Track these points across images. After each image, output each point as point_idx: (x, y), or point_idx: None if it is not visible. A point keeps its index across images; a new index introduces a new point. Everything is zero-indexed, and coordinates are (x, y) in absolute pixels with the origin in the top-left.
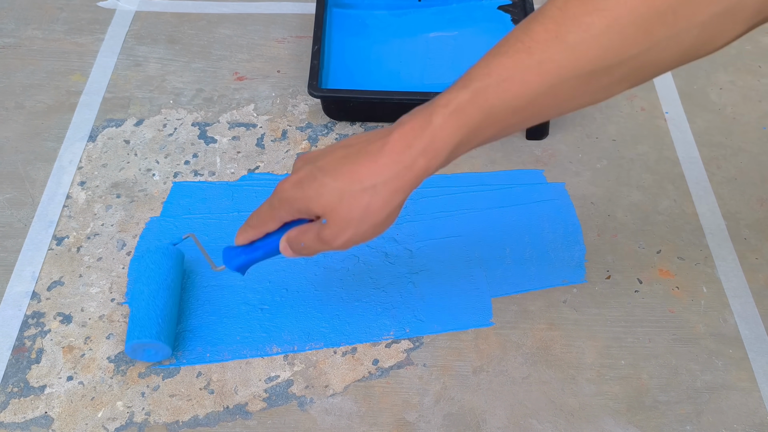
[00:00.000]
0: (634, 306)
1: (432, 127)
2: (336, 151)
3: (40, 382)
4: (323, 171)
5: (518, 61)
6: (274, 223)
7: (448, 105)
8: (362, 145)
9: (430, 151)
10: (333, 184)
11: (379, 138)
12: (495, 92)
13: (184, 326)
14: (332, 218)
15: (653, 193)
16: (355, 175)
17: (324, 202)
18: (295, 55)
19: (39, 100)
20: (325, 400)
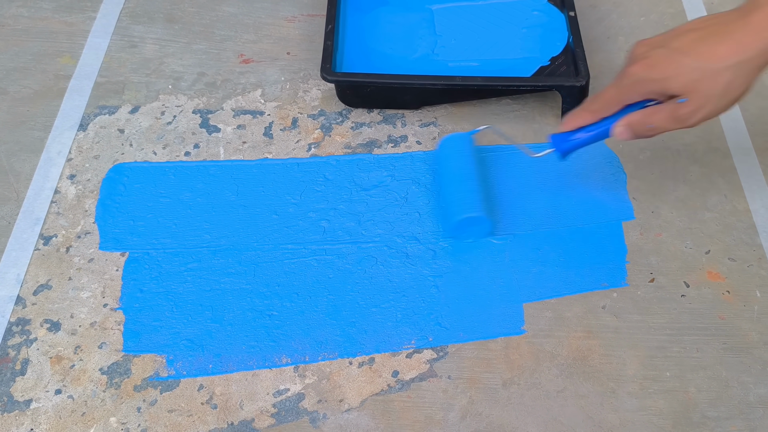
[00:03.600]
0: (680, 312)
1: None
2: (686, 34)
3: (25, 395)
4: (681, 52)
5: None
6: (617, 107)
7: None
8: (718, 25)
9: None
10: (694, 63)
11: (738, 18)
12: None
13: (184, 335)
14: (693, 96)
15: (701, 187)
16: (716, 54)
17: (684, 81)
18: (306, 36)
19: (24, 85)
20: (339, 415)
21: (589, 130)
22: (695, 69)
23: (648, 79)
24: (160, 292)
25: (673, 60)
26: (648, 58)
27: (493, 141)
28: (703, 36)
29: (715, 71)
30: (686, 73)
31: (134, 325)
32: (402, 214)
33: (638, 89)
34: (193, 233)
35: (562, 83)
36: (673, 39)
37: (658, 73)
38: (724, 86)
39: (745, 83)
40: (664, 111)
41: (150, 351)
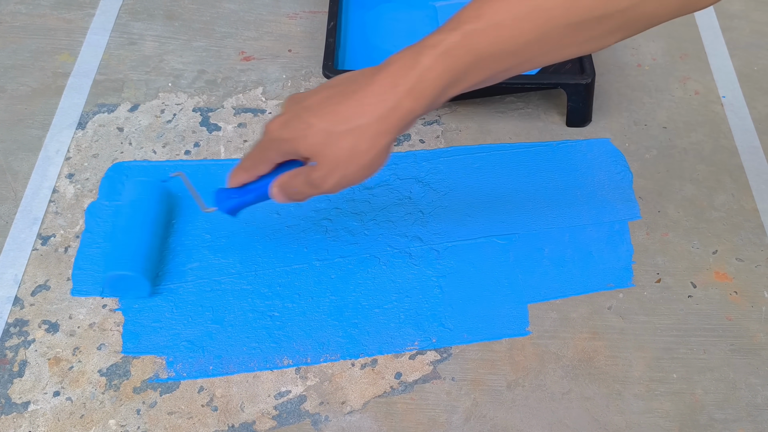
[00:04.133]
0: (687, 313)
1: (419, 67)
2: (322, 91)
3: (23, 397)
4: (309, 111)
5: (511, 6)
6: (265, 166)
7: (437, 46)
8: (347, 84)
9: (417, 92)
10: (319, 124)
11: (365, 77)
12: (485, 36)
13: (184, 336)
14: (320, 160)
15: (708, 186)
16: (339, 115)
17: (310, 143)
18: (308, 33)
19: (22, 83)
20: (341, 418)
21: (250, 189)
22: (320, 130)
23: (280, 139)
24: (159, 293)
25: (302, 120)
26: (284, 115)
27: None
28: (333, 95)
29: (339, 134)
30: (312, 135)
31: (133, 326)
32: (405, 214)
33: (275, 147)
34: (193, 233)
35: (566, 81)
36: (309, 97)
37: (288, 132)
38: (349, 150)
39: (373, 148)
40: (301, 175)
41: (149, 352)
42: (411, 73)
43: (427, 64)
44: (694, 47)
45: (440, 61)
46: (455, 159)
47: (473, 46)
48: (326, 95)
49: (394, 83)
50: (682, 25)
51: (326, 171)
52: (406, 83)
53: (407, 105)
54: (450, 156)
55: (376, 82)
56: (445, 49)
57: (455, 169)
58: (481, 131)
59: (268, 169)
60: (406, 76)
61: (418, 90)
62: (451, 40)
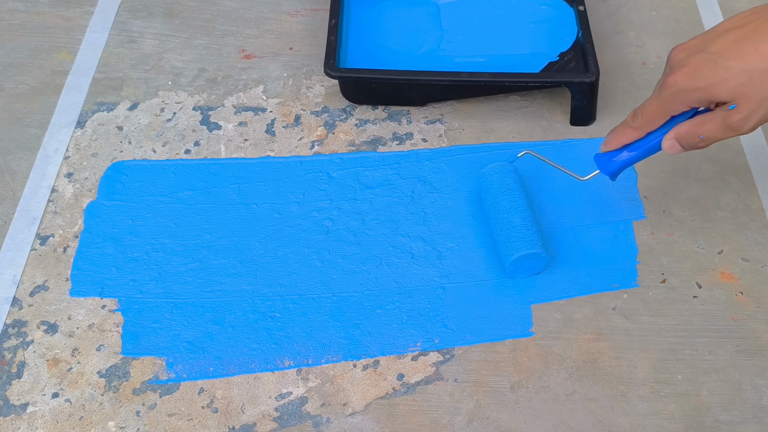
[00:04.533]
0: (692, 314)
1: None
2: (725, 34)
3: (21, 399)
4: (723, 55)
5: None
6: (662, 120)
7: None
8: (759, 21)
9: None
10: (740, 66)
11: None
12: None
13: (184, 337)
14: (743, 101)
15: (714, 185)
16: (762, 53)
17: (732, 86)
18: (309, 30)
19: (20, 81)
20: (343, 419)
21: (635, 147)
22: (741, 72)
23: (691, 89)
24: (159, 293)
25: (716, 65)
26: (688, 65)
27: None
28: (744, 35)
29: (764, 72)
30: (732, 78)
31: (133, 327)
32: (407, 214)
33: (682, 99)
34: (193, 233)
35: (571, 79)
36: (712, 41)
37: (702, 80)
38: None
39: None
40: (714, 120)
41: (149, 353)
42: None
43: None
44: None
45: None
46: (458, 158)
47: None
48: (736, 36)
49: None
50: (687, 23)
51: (750, 111)
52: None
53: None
54: (453, 155)
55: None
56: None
57: (458, 168)
58: (484, 130)
59: (663, 123)
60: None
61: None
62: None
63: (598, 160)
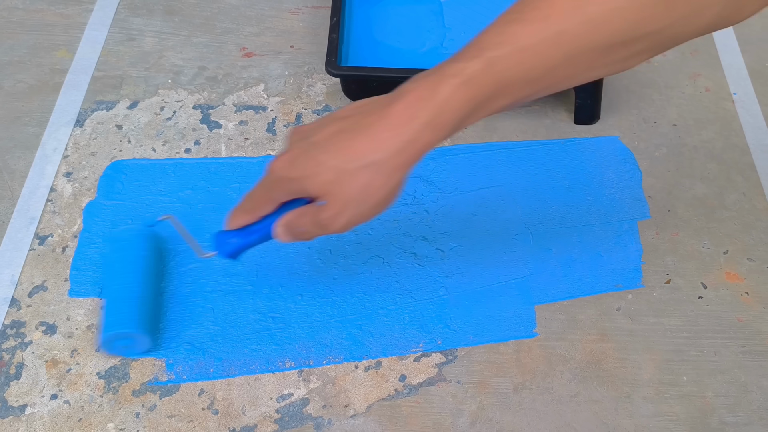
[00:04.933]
0: (697, 314)
1: (439, 98)
2: (331, 124)
3: (20, 401)
4: (318, 147)
5: (535, 31)
6: (270, 206)
7: (458, 75)
8: (360, 116)
9: (436, 124)
10: (330, 161)
11: (379, 109)
12: (509, 63)
13: (184, 338)
14: (330, 199)
15: (719, 185)
16: (353, 152)
17: (320, 182)
18: (311, 28)
19: (19, 80)
20: (345, 421)
21: (252, 231)
22: (330, 168)
23: (287, 178)
24: (158, 293)
25: (310, 156)
26: (290, 152)
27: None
28: (344, 128)
29: (352, 171)
30: (322, 173)
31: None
32: (410, 213)
33: (281, 187)
34: (193, 232)
35: None
36: (317, 130)
37: (296, 171)
38: (362, 188)
39: (389, 184)
40: (308, 214)
41: (149, 354)
42: (430, 104)
43: (447, 94)
44: (704, 43)
45: (462, 90)
46: (461, 157)
47: (497, 74)
48: (336, 129)
49: (412, 115)
50: None
51: (337, 210)
52: (425, 115)
53: (426, 137)
54: (456, 154)
55: (391, 114)
56: (466, 78)
57: (461, 167)
58: (487, 129)
59: (272, 209)
60: (425, 108)
61: (437, 121)
62: (473, 68)
63: (217, 239)
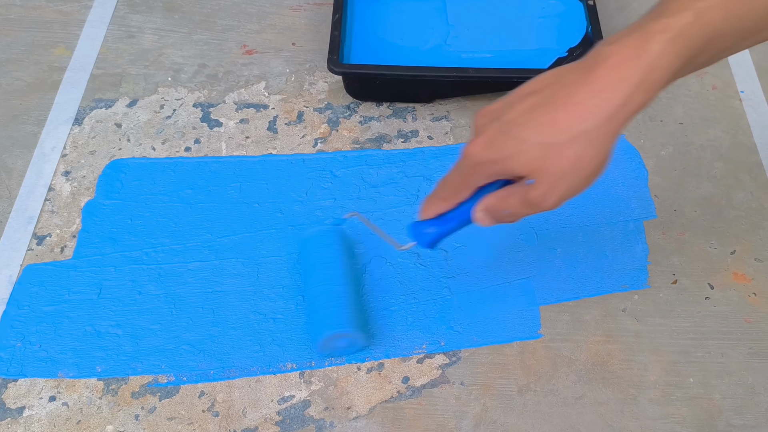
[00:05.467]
0: (704, 315)
1: (649, 56)
2: (523, 100)
3: (17, 403)
4: (517, 125)
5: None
6: (467, 191)
7: (667, 30)
8: (557, 86)
9: (648, 83)
10: (533, 138)
11: (579, 75)
12: (719, 13)
13: (184, 339)
14: (540, 176)
15: (727, 184)
16: (558, 124)
17: (527, 160)
18: (312, 25)
19: (17, 77)
20: (347, 423)
21: (449, 218)
22: (537, 144)
23: (487, 161)
24: (159, 294)
25: (509, 136)
26: (484, 135)
27: None
28: (540, 102)
29: (560, 144)
30: (528, 150)
31: (132, 329)
32: (413, 213)
33: (480, 171)
34: (193, 232)
35: None
36: (509, 108)
37: (496, 153)
38: (574, 161)
39: (601, 153)
40: (515, 195)
41: (149, 356)
42: (639, 63)
43: (657, 51)
44: None
45: (672, 45)
46: None
47: (707, 26)
48: (531, 104)
49: (621, 77)
50: None
51: (548, 187)
52: (636, 75)
53: (638, 99)
54: (459, 153)
55: (596, 79)
56: (677, 32)
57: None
58: None
59: (470, 195)
60: (635, 68)
61: (649, 81)
62: (682, 22)
63: (414, 230)
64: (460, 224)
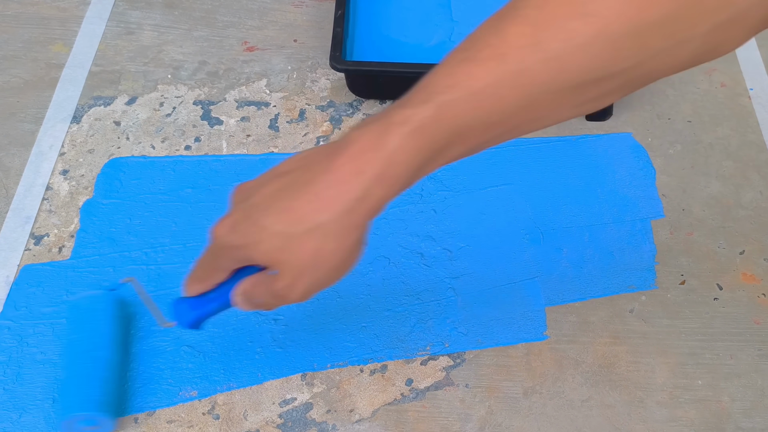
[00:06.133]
0: (713, 316)
1: (387, 149)
2: (272, 182)
3: None
4: (259, 210)
5: (489, 71)
6: (221, 274)
7: (407, 123)
8: (301, 172)
9: (387, 178)
10: (273, 226)
11: (321, 162)
12: (463, 108)
13: (184, 340)
14: (282, 268)
15: (735, 183)
16: (295, 214)
17: (266, 250)
18: (314, 22)
19: (14, 75)
20: (349, 426)
21: (210, 299)
22: (275, 234)
23: (230, 245)
24: (159, 295)
25: (251, 221)
26: (231, 216)
27: None
28: (285, 186)
29: (298, 236)
30: (266, 240)
31: (132, 329)
32: (416, 212)
33: (227, 255)
34: (194, 232)
35: None
36: (258, 189)
37: (238, 238)
38: (313, 255)
39: (342, 247)
40: (262, 284)
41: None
42: (377, 156)
43: (395, 144)
44: None
45: (411, 139)
46: None
47: (449, 120)
48: (276, 187)
49: (358, 169)
50: None
51: (291, 279)
52: (372, 168)
53: (377, 193)
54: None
55: (334, 169)
56: (415, 126)
57: (469, 165)
58: None
59: (224, 277)
60: (372, 161)
61: (388, 175)
62: (422, 115)
63: (176, 308)
64: (221, 306)
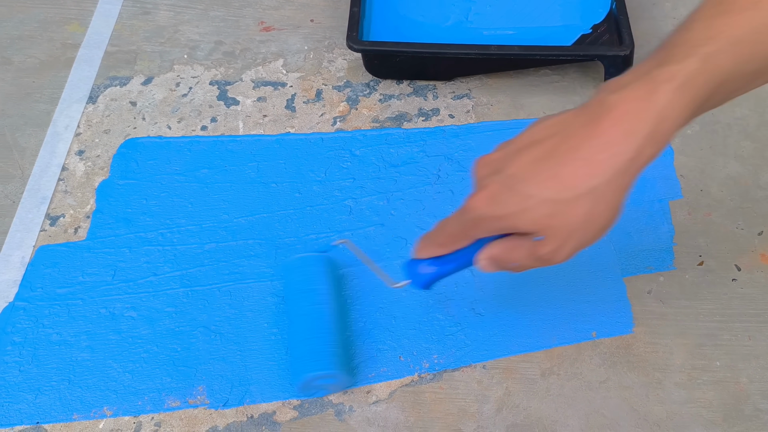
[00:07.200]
0: (731, 297)
1: (657, 106)
2: (525, 152)
3: None
4: (521, 180)
5: (748, 20)
6: (467, 242)
7: (674, 78)
8: (560, 139)
9: (659, 135)
10: (540, 194)
11: (584, 126)
12: (725, 57)
13: (200, 321)
14: (549, 233)
15: (754, 164)
16: (564, 181)
17: (534, 218)
18: (331, 1)
19: (29, 55)
20: (366, 408)
21: (446, 261)
22: (542, 201)
23: (491, 217)
24: (174, 276)
25: (514, 192)
26: (487, 189)
27: None
28: (544, 154)
29: (569, 201)
30: (533, 208)
31: (147, 311)
32: (434, 193)
33: (483, 226)
34: (209, 213)
35: (604, 53)
36: (511, 160)
37: (500, 209)
38: (583, 218)
39: (611, 208)
40: (523, 249)
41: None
42: (648, 114)
43: (665, 101)
44: None
45: (680, 94)
46: (486, 135)
47: (715, 71)
48: (535, 157)
49: (629, 130)
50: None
51: (558, 243)
52: (644, 128)
53: (648, 151)
54: (481, 132)
55: (603, 132)
56: (683, 81)
57: (486, 145)
58: (514, 106)
59: (468, 244)
60: (643, 119)
61: (659, 132)
62: (689, 69)
63: (410, 268)
64: (458, 267)
